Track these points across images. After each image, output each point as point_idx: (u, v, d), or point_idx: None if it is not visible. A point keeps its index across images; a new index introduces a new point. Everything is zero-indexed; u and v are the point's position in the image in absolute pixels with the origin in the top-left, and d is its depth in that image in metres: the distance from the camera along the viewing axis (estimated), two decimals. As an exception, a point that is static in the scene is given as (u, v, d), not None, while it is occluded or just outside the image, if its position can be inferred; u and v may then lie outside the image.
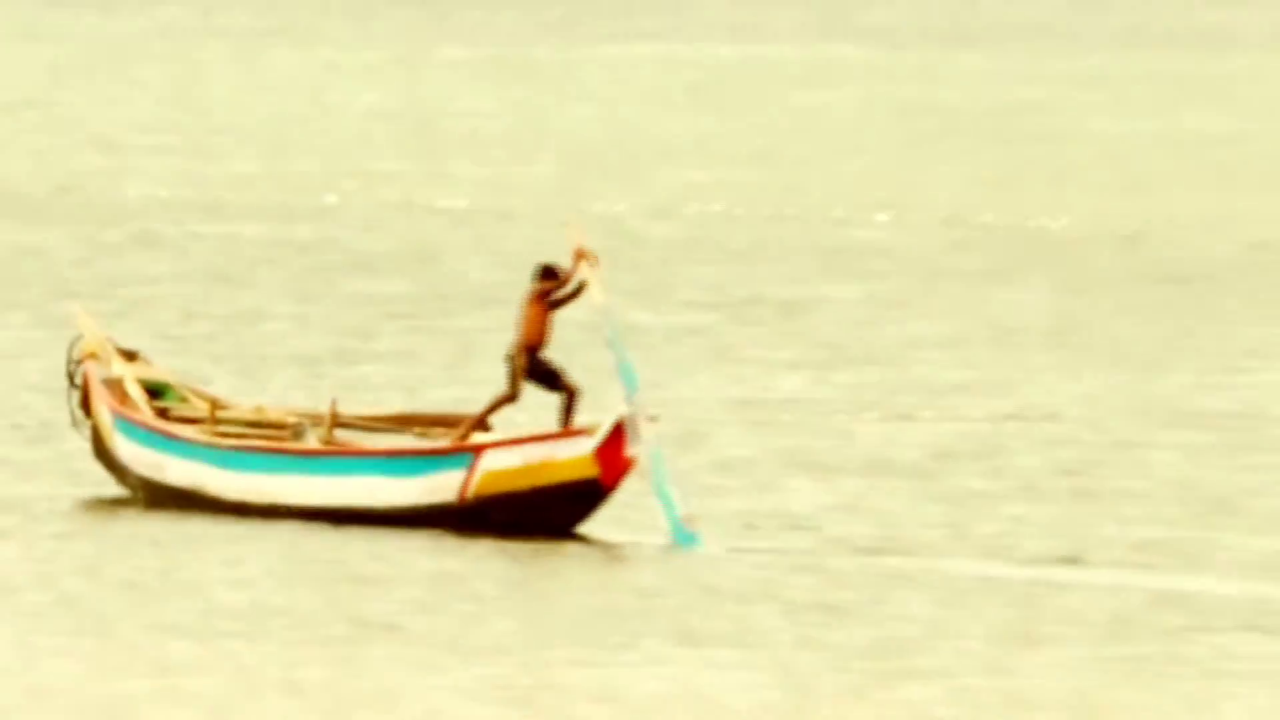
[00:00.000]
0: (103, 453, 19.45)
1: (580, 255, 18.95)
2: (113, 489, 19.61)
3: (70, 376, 19.66)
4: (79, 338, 19.87)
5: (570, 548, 18.56)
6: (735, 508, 20.01)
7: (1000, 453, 23.09)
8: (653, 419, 18.56)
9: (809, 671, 14.05)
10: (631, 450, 18.34)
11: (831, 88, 75.12)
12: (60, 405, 20.21)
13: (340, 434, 19.54)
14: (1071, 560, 18.32)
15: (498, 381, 19.04)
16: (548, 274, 19.04)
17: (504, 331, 19.71)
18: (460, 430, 19.22)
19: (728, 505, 19.99)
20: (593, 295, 19.01)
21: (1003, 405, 26.07)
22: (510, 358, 18.98)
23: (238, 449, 19.11)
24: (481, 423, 19.21)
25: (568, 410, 18.87)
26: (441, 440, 19.32)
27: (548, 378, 19.04)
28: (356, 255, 38.49)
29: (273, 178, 50.00)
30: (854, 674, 13.96)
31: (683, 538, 18.14)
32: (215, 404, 19.88)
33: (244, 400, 20.72)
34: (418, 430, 19.72)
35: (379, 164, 52.62)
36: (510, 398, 19.00)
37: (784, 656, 14.44)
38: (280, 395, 23.30)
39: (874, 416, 25.28)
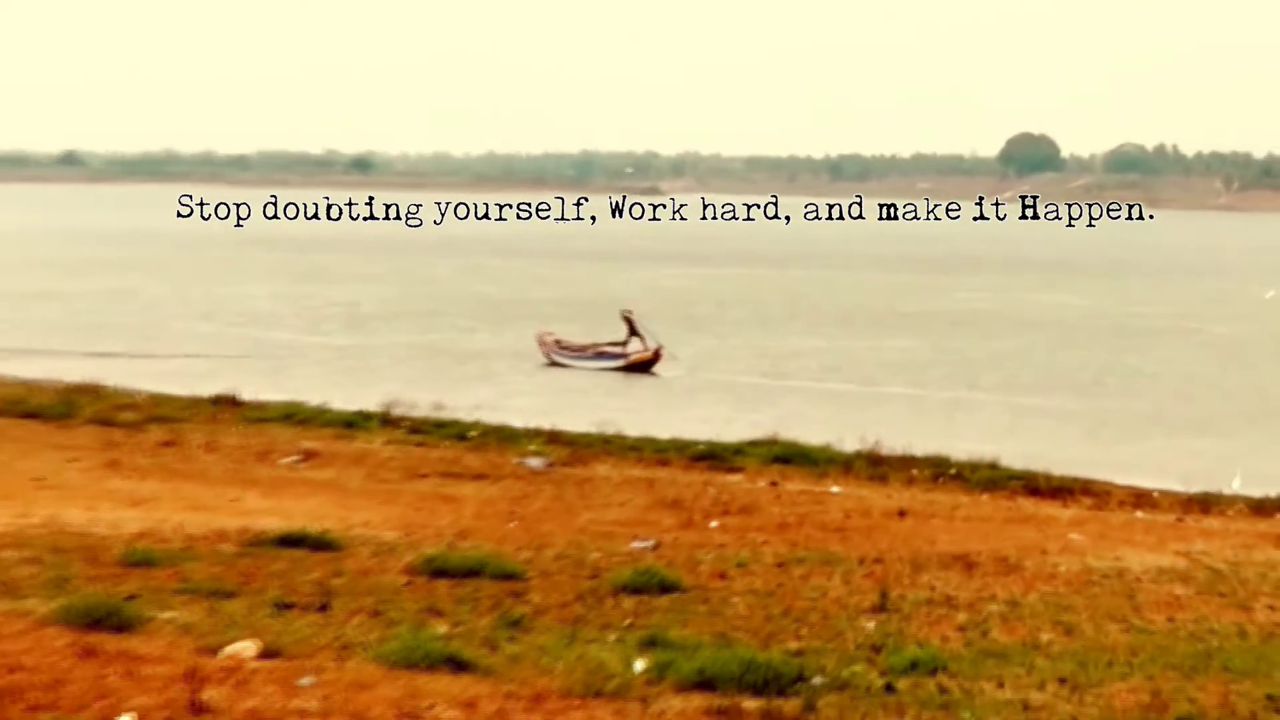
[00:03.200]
0: (549, 359, 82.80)
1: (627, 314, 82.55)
2: (543, 364, 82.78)
3: (539, 340, 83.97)
4: (540, 329, 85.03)
5: (644, 377, 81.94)
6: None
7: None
8: (662, 347, 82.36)
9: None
10: (663, 352, 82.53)
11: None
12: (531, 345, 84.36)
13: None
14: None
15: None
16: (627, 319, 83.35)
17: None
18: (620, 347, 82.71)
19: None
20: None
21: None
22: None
23: (573, 352, 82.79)
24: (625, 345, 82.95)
25: (643, 343, 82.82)
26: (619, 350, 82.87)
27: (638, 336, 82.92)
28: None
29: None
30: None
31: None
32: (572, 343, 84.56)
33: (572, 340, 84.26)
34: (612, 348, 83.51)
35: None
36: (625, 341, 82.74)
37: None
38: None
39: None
